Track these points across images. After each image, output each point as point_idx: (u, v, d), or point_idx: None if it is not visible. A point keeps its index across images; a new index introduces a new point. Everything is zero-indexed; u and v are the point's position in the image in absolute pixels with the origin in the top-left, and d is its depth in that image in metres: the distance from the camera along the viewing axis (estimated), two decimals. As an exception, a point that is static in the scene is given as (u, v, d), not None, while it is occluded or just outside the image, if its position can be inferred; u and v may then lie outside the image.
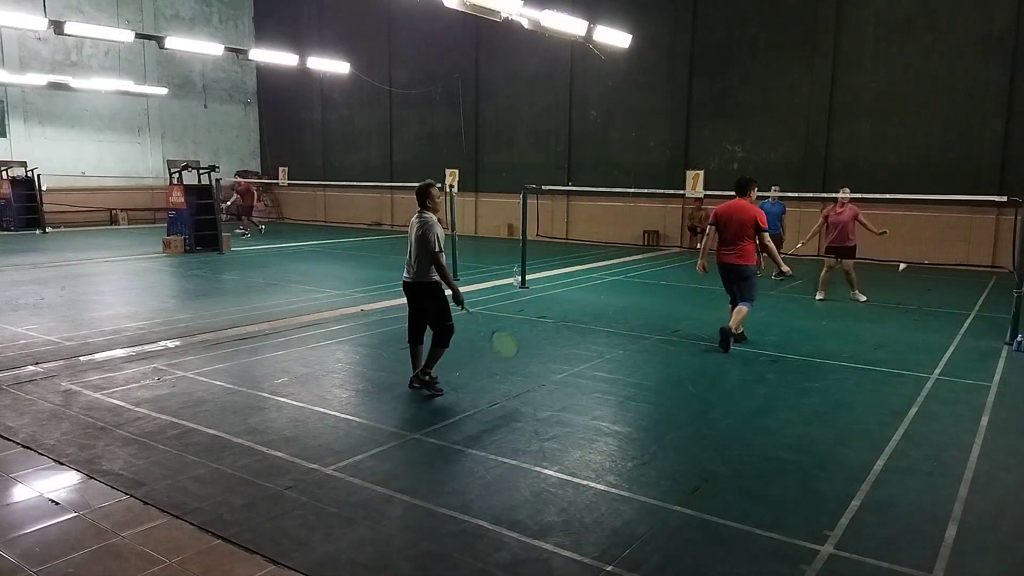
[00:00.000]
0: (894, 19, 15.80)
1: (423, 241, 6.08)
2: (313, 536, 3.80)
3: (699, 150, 18.59)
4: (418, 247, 6.15)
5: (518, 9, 11.17)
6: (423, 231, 6.09)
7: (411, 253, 6.26)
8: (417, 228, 6.15)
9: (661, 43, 18.71)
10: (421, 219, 6.18)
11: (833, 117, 16.66)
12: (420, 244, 6.12)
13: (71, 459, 4.76)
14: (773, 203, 12.89)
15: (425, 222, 6.12)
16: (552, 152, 20.97)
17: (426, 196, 6.23)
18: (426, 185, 6.28)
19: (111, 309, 9.95)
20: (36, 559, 3.55)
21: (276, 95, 27.79)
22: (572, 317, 9.43)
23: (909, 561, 3.59)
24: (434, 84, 22.97)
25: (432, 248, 6.04)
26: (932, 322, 9.64)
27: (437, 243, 6.04)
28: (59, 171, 22.81)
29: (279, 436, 5.21)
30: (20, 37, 21.76)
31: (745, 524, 3.96)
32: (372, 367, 7.30)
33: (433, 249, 6.04)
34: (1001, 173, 14.83)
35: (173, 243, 16.77)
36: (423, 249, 6.10)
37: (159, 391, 6.23)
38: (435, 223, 6.15)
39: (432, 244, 6.03)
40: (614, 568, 3.51)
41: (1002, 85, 14.75)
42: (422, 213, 6.22)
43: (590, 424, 5.56)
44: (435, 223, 6.15)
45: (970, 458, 4.91)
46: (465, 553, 3.64)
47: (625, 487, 4.45)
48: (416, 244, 6.17)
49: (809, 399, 6.27)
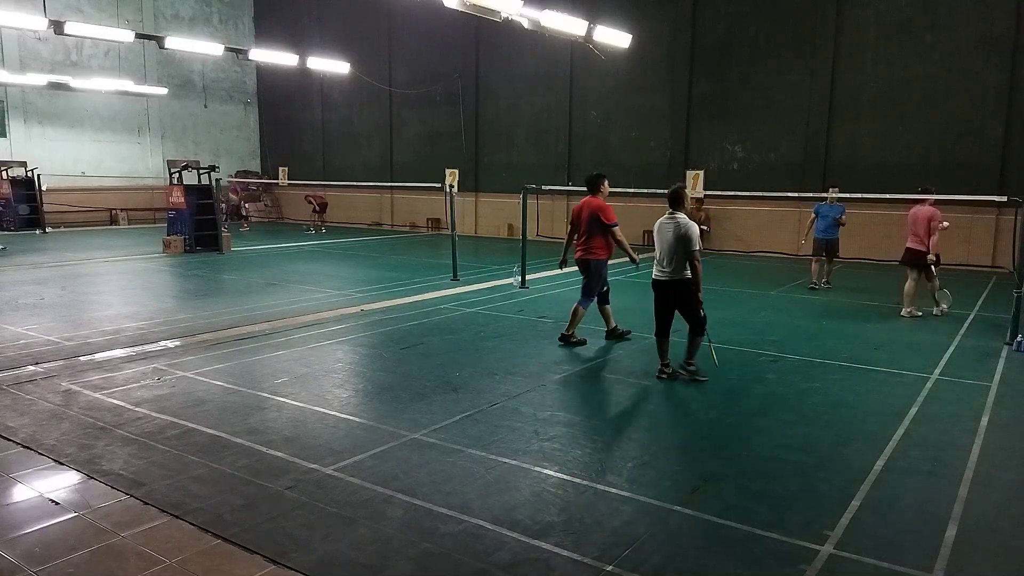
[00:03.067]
0: (894, 19, 15.79)
1: (685, 240, 6.42)
2: (313, 536, 3.80)
3: (699, 150, 18.59)
4: (677, 246, 6.48)
5: (518, 9, 11.17)
6: (686, 231, 6.43)
7: (664, 252, 6.62)
8: (676, 228, 6.49)
9: (661, 43, 18.71)
10: (677, 220, 6.55)
11: (833, 117, 16.66)
12: (681, 243, 6.45)
13: (71, 459, 4.76)
14: (831, 205, 11.93)
15: (685, 223, 6.49)
16: (552, 152, 20.97)
17: (682, 199, 6.67)
18: (680, 188, 6.72)
19: (111, 309, 9.95)
20: (36, 559, 3.55)
21: (276, 95, 27.79)
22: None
23: (909, 561, 3.59)
24: (434, 84, 22.97)
25: (693, 248, 6.42)
26: (932, 322, 9.64)
27: (699, 243, 6.45)
28: (59, 171, 22.82)
29: (279, 436, 5.21)
30: (20, 37, 21.76)
31: (745, 524, 3.96)
32: (372, 367, 7.30)
33: (694, 248, 6.43)
34: (1001, 173, 14.83)
35: (173, 243, 16.78)
36: (683, 248, 6.44)
37: (159, 391, 6.23)
38: (694, 224, 6.53)
39: (694, 244, 6.41)
40: (614, 568, 3.51)
41: (1002, 85, 14.75)
42: (675, 214, 6.60)
43: (590, 424, 5.56)
44: (694, 224, 6.53)
45: (970, 458, 4.91)
46: (465, 553, 3.64)
47: (625, 487, 4.44)
48: (674, 243, 6.50)
49: (809, 399, 6.27)
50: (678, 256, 6.50)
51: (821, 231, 11.92)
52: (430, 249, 18.45)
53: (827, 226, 11.86)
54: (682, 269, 6.53)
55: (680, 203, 6.67)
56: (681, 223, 6.51)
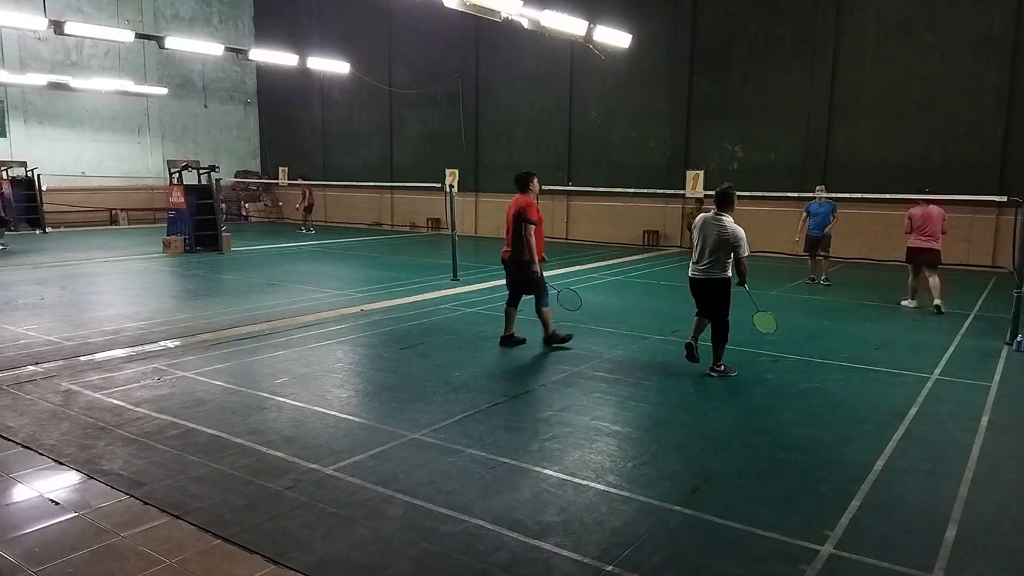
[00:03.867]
0: (894, 19, 15.80)
1: (730, 243, 6.49)
2: (313, 536, 3.79)
3: (699, 150, 18.59)
4: (718, 246, 6.56)
5: (518, 9, 11.17)
6: (735, 232, 6.50)
7: (703, 251, 6.67)
8: (722, 229, 6.53)
9: (661, 43, 18.71)
10: (722, 221, 6.57)
11: (833, 117, 16.66)
12: (723, 245, 6.54)
13: (71, 459, 4.76)
14: (820, 203, 12.36)
15: (732, 225, 6.54)
16: (552, 152, 20.96)
17: (732, 200, 6.68)
18: (730, 188, 6.71)
19: (111, 309, 9.95)
20: (36, 559, 3.54)
21: (276, 95, 27.80)
22: (572, 317, 9.42)
23: (909, 561, 3.59)
24: (434, 84, 22.97)
25: (742, 253, 6.54)
26: (932, 322, 9.64)
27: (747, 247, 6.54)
28: (59, 171, 22.83)
29: (279, 436, 5.21)
30: (20, 37, 21.77)
31: (745, 524, 3.95)
32: (372, 367, 7.30)
33: (743, 253, 6.54)
34: (1001, 173, 14.84)
35: (173, 243, 16.78)
36: (725, 249, 6.54)
37: (159, 391, 6.23)
38: (741, 228, 6.57)
39: (743, 248, 6.52)
40: (614, 568, 3.51)
41: (1002, 85, 14.75)
42: (722, 215, 6.61)
43: (590, 424, 5.55)
44: (741, 228, 6.57)
45: (970, 458, 4.91)
46: (465, 553, 3.63)
47: (625, 487, 4.44)
48: (716, 243, 6.56)
49: (809, 399, 6.26)
50: (717, 255, 6.60)
51: (813, 228, 12.49)
52: (430, 249, 18.45)
53: (818, 224, 12.41)
54: (719, 268, 6.63)
55: (729, 204, 6.67)
56: (728, 226, 6.54)
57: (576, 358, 7.43)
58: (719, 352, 6.81)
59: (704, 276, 6.72)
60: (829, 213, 12.33)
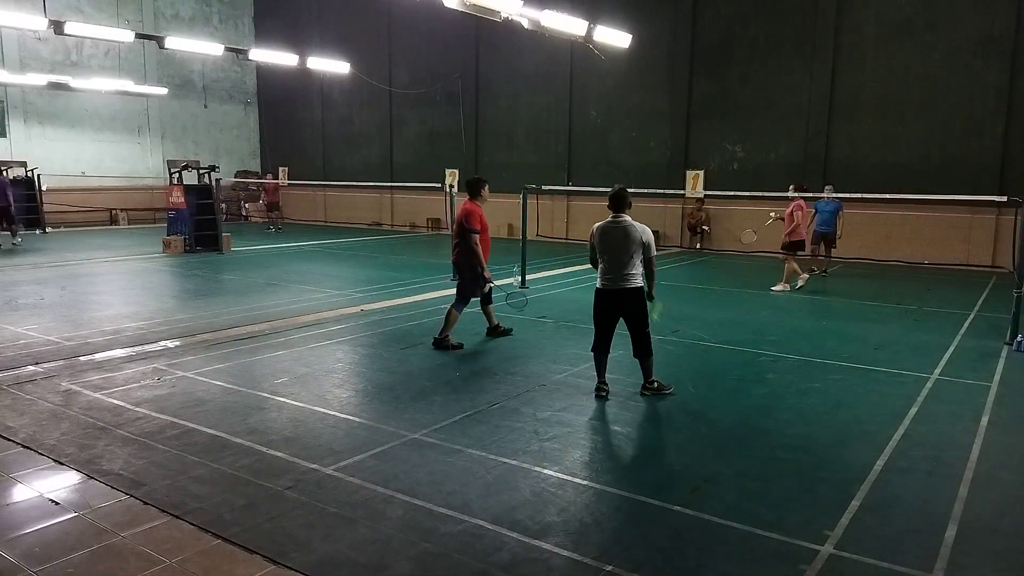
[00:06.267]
0: (894, 19, 15.79)
1: (643, 242, 6.00)
2: (313, 536, 3.80)
3: (699, 150, 18.59)
4: (633, 249, 5.98)
5: (518, 9, 11.17)
6: (644, 229, 6.03)
7: (615, 259, 6.03)
8: (632, 230, 5.98)
9: (661, 43, 18.70)
10: (629, 222, 6.03)
11: (833, 117, 16.65)
12: (636, 247, 5.98)
13: (71, 459, 4.76)
14: (827, 202, 13.03)
15: (641, 227, 6.03)
16: (552, 152, 20.96)
17: (629, 201, 6.14)
18: (623, 189, 6.17)
19: (111, 309, 9.95)
20: (36, 559, 3.55)
21: (276, 95, 27.78)
22: (572, 317, 9.43)
23: (909, 561, 3.59)
24: (434, 84, 22.96)
25: (653, 252, 6.14)
26: (932, 322, 9.64)
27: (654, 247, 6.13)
28: (59, 171, 22.79)
29: (279, 436, 5.21)
30: (20, 37, 21.75)
31: (745, 524, 3.95)
32: (372, 367, 7.30)
33: (654, 252, 6.15)
34: (1001, 173, 14.82)
35: (173, 243, 16.77)
36: (638, 251, 6.01)
37: (159, 391, 6.23)
38: (647, 228, 6.11)
39: (653, 249, 6.12)
40: (614, 568, 3.51)
41: (1002, 85, 14.74)
42: (619, 217, 6.08)
43: (590, 424, 5.56)
44: (647, 228, 6.11)
45: (970, 458, 4.91)
46: (465, 553, 3.64)
47: (625, 487, 4.44)
48: (630, 246, 5.98)
49: (809, 399, 6.27)
50: (633, 262, 6.01)
51: (820, 224, 13.14)
52: (430, 249, 18.45)
53: (825, 220, 13.06)
54: (638, 275, 6.06)
55: (626, 205, 6.11)
56: (637, 226, 6.01)
57: (576, 358, 7.43)
58: (649, 367, 6.27)
59: (626, 286, 6.03)
60: (836, 211, 12.96)
